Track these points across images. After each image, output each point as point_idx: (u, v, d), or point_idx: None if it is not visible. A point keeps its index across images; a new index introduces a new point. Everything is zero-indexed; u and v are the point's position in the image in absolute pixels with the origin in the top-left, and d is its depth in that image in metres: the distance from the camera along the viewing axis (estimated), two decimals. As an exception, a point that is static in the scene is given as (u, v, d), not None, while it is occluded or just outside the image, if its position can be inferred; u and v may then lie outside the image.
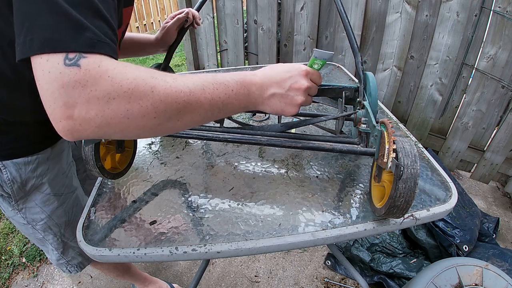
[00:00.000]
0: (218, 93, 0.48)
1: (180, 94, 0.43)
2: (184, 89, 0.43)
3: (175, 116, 0.44)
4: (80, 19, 0.38)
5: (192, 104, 0.44)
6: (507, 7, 1.50)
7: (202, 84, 0.46)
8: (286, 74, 0.55)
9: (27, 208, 0.81)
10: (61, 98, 0.37)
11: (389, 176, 0.58)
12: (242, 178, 0.77)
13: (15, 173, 0.73)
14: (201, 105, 0.46)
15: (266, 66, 0.58)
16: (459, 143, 1.91)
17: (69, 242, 0.93)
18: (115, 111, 0.39)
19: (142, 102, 0.40)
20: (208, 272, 1.53)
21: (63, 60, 0.37)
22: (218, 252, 0.59)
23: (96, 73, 0.37)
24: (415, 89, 1.91)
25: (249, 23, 2.19)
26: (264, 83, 0.54)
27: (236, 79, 0.51)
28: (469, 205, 1.52)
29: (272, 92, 0.54)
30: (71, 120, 0.38)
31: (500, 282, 0.90)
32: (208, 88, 0.46)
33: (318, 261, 1.57)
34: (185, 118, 0.45)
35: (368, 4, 1.79)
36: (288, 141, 0.67)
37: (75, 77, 0.37)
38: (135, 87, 0.39)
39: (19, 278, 1.57)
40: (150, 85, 0.40)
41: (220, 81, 0.48)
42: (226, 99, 0.49)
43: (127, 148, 0.79)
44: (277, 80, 0.55)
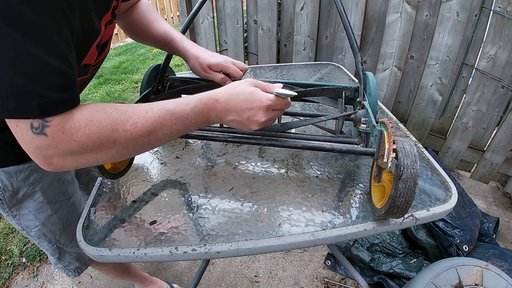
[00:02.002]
0: (177, 127, 0.53)
1: (140, 139, 0.49)
2: (143, 133, 0.49)
3: (138, 151, 0.53)
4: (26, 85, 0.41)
5: (151, 141, 0.51)
6: (507, 7, 1.50)
7: (160, 123, 0.51)
8: (246, 105, 0.56)
9: (20, 215, 0.80)
10: (39, 154, 0.45)
11: (389, 176, 0.58)
12: (242, 178, 0.77)
13: (6, 181, 0.72)
14: (160, 139, 0.52)
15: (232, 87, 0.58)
16: (459, 143, 1.91)
17: (65, 248, 0.92)
18: (86, 160, 0.47)
19: (107, 151, 0.48)
20: (208, 272, 1.53)
21: (29, 128, 0.42)
22: (218, 252, 0.59)
23: (62, 138, 0.44)
24: (415, 89, 1.91)
25: (249, 23, 2.19)
26: (223, 109, 0.56)
27: (196, 110, 0.54)
28: (469, 205, 1.52)
29: (230, 119, 0.58)
30: (51, 165, 0.46)
31: (500, 282, 0.90)
32: (166, 125, 0.51)
33: (318, 261, 1.57)
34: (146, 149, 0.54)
35: (368, 4, 1.79)
36: (288, 141, 0.67)
37: (45, 143, 0.43)
38: (100, 144, 0.46)
39: (19, 278, 1.57)
40: (112, 140, 0.47)
41: (179, 115, 0.53)
42: (184, 129, 0.54)
43: (127, 148, 0.79)
44: (237, 109, 0.57)
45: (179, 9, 2.24)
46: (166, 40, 0.83)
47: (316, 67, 1.42)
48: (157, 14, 0.87)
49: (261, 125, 0.59)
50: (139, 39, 0.87)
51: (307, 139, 0.71)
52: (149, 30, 0.83)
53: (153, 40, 0.85)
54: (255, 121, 0.57)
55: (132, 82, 3.57)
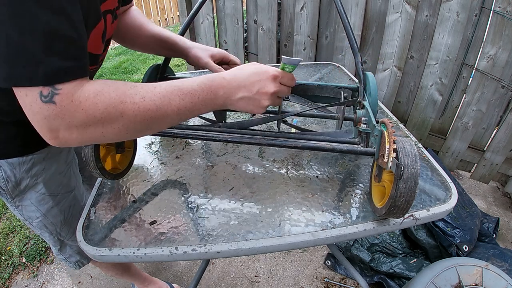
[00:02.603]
0: (185, 103, 0.51)
1: (148, 113, 0.48)
2: (151, 107, 0.48)
3: (145, 129, 0.51)
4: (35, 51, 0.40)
5: (159, 118, 0.50)
6: (507, 7, 1.50)
7: (168, 98, 0.50)
8: (254, 78, 0.56)
9: (23, 206, 0.81)
10: (45, 125, 0.44)
11: (389, 176, 0.58)
12: (242, 178, 0.77)
13: (9, 172, 0.74)
14: (167, 116, 0.51)
15: (237, 67, 0.59)
16: (459, 143, 1.91)
17: (66, 241, 0.94)
18: (92, 133, 0.47)
19: (114, 125, 0.47)
20: (208, 272, 1.53)
21: (39, 97, 0.42)
22: (218, 252, 0.59)
23: (70, 107, 0.44)
24: (415, 89, 1.91)
25: (249, 23, 2.19)
26: (232, 86, 0.56)
27: (203, 86, 0.53)
28: (469, 205, 1.52)
29: (240, 96, 0.56)
30: (57, 139, 0.46)
31: (500, 282, 0.90)
32: (174, 100, 0.50)
33: (318, 261, 1.57)
34: (154, 128, 0.52)
35: (368, 4, 1.79)
36: (288, 141, 0.67)
37: (54, 112, 0.43)
38: (107, 115, 0.46)
39: (19, 278, 1.57)
40: (120, 111, 0.46)
41: (186, 90, 0.52)
42: (193, 106, 0.53)
43: (127, 149, 0.79)
44: (246, 84, 0.56)
45: (179, 9, 2.24)
46: (161, 38, 0.83)
47: (316, 67, 1.42)
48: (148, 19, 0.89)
49: (272, 98, 0.57)
50: (130, 43, 0.88)
51: (307, 139, 0.71)
52: (142, 32, 0.84)
53: (145, 42, 0.85)
54: (264, 92, 0.56)
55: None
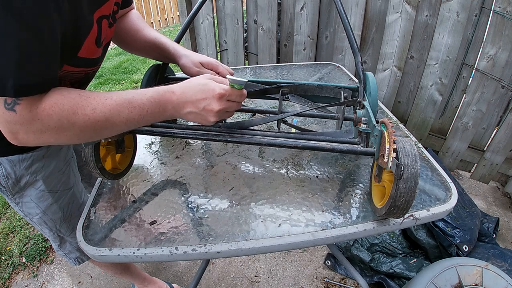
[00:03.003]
0: (133, 115, 0.56)
1: (97, 124, 0.53)
2: (101, 118, 0.53)
3: (94, 136, 0.56)
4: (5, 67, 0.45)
5: (108, 127, 0.55)
6: (507, 7, 1.50)
7: (118, 110, 0.54)
8: (201, 95, 0.59)
9: (23, 203, 0.83)
10: (7, 128, 0.50)
11: (389, 176, 0.58)
12: (242, 178, 0.77)
13: (10, 169, 0.75)
14: (116, 126, 0.56)
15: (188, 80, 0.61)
16: (459, 143, 1.91)
17: (66, 237, 0.95)
18: (47, 138, 0.52)
19: (66, 133, 0.52)
20: (208, 272, 1.53)
21: (3, 104, 0.47)
22: (218, 252, 0.59)
23: (28, 117, 0.49)
24: (415, 89, 1.91)
25: (249, 23, 2.19)
26: (180, 102, 0.59)
27: (152, 100, 0.57)
28: (469, 205, 1.52)
29: (188, 111, 0.60)
30: (16, 140, 0.52)
31: (500, 282, 0.90)
32: (123, 112, 0.55)
33: (318, 261, 1.57)
34: (103, 135, 0.57)
35: (368, 4, 1.79)
36: (288, 141, 0.67)
37: (14, 119, 0.49)
38: (60, 125, 0.51)
39: (19, 278, 1.57)
40: (72, 122, 0.51)
41: (135, 103, 0.56)
42: (141, 118, 0.57)
43: (127, 149, 0.79)
44: (192, 100, 0.59)
45: (179, 9, 2.24)
46: (156, 44, 0.84)
47: (316, 67, 1.42)
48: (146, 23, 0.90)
49: (217, 115, 0.60)
50: (127, 47, 0.88)
51: (307, 139, 0.71)
52: (139, 36, 0.85)
53: (142, 46, 0.86)
54: (210, 110, 0.59)
55: (132, 82, 3.57)
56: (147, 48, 0.86)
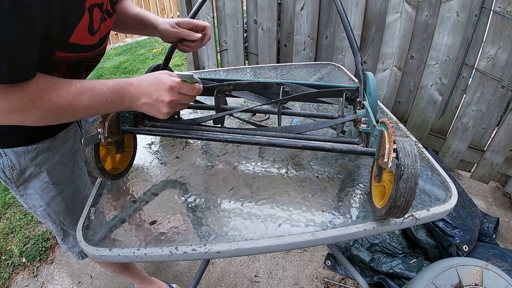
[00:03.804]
0: (94, 103, 0.59)
1: (60, 109, 0.57)
2: (64, 104, 0.57)
3: (59, 119, 0.59)
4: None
5: (70, 112, 0.58)
6: (507, 7, 1.50)
7: (80, 97, 0.58)
8: (153, 87, 0.63)
9: (27, 194, 0.84)
10: None
11: (389, 176, 0.58)
12: (242, 178, 0.77)
13: (15, 160, 0.77)
14: (78, 112, 0.59)
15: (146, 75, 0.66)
16: (459, 143, 1.91)
17: (69, 230, 0.97)
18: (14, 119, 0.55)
19: (32, 115, 0.56)
20: (208, 272, 1.53)
21: None
22: (218, 252, 0.59)
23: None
24: (415, 89, 1.91)
25: (249, 23, 2.19)
26: (136, 92, 0.63)
27: (112, 89, 0.61)
28: (469, 205, 1.52)
29: (143, 102, 0.63)
30: None
31: (500, 282, 0.90)
32: (84, 100, 0.58)
33: (318, 261, 1.57)
34: (65, 119, 0.60)
35: (368, 4, 1.79)
36: (288, 141, 0.67)
37: None
38: (27, 108, 0.54)
39: (19, 278, 1.57)
40: (37, 106, 0.55)
41: (97, 92, 0.59)
42: (101, 106, 0.60)
43: (127, 149, 0.79)
44: (147, 92, 0.63)
45: (179, 9, 2.24)
46: (140, 18, 0.89)
47: (316, 67, 1.42)
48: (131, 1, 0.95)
49: (169, 106, 0.63)
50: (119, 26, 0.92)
51: (307, 139, 0.71)
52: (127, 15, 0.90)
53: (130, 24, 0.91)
54: (161, 101, 0.62)
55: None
56: (134, 24, 0.90)
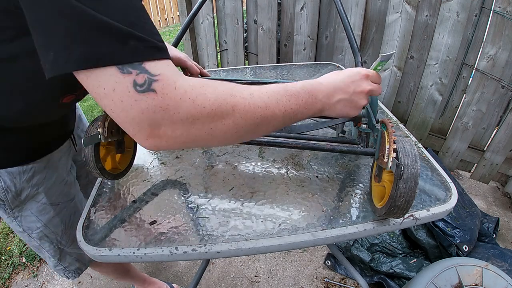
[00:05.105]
0: (290, 104, 0.49)
1: (257, 110, 0.44)
2: (260, 104, 0.45)
3: (253, 130, 0.46)
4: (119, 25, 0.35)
5: (268, 118, 0.46)
6: (507, 7, 1.50)
7: (276, 97, 0.47)
8: (349, 79, 0.58)
9: (22, 217, 0.78)
10: (144, 122, 0.37)
11: (389, 176, 0.58)
12: (242, 178, 0.77)
13: (9, 182, 0.71)
14: (275, 117, 0.47)
15: (328, 74, 0.60)
16: (459, 143, 1.91)
17: (66, 249, 0.91)
18: (199, 130, 0.40)
19: (224, 121, 0.41)
20: (208, 272, 1.53)
21: (132, 87, 0.35)
22: (218, 252, 0.59)
23: (175, 96, 0.37)
24: (415, 89, 1.91)
25: (249, 23, 2.19)
26: (329, 90, 0.56)
27: (305, 89, 0.53)
28: (469, 205, 1.52)
29: (338, 99, 0.57)
30: (158, 138, 0.39)
31: (500, 282, 0.90)
32: (281, 100, 0.48)
33: (318, 261, 1.57)
34: (261, 130, 0.47)
35: (368, 4, 1.79)
36: (288, 141, 0.67)
37: (154, 102, 0.36)
38: (218, 108, 0.40)
39: (19, 278, 1.57)
40: (231, 104, 0.41)
41: (291, 92, 0.50)
42: (297, 109, 0.51)
43: (127, 149, 0.79)
44: (342, 87, 0.57)
45: (179, 9, 2.24)
46: None
47: (316, 67, 1.42)
48: None
49: (367, 97, 0.59)
50: None
51: (307, 139, 0.71)
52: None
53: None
54: (360, 92, 0.58)
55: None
56: None
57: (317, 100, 0.54)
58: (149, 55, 0.37)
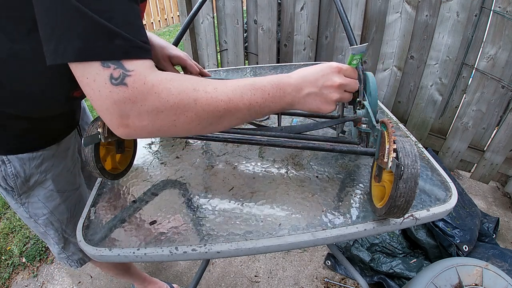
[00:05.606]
0: (256, 98, 0.51)
1: (220, 103, 0.47)
2: (223, 98, 0.48)
3: (216, 122, 0.49)
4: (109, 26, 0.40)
5: (231, 110, 0.49)
6: (507, 7, 1.50)
7: (240, 91, 0.50)
8: (319, 73, 0.57)
9: (29, 203, 0.81)
10: (115, 112, 0.42)
11: (389, 176, 0.58)
12: (242, 178, 0.77)
13: (19, 168, 0.74)
14: (239, 110, 0.50)
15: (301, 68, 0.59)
16: (459, 143, 1.91)
17: (70, 238, 0.95)
18: (164, 121, 0.44)
19: (187, 113, 0.45)
20: (208, 272, 1.53)
21: (108, 80, 0.40)
22: (218, 252, 0.59)
23: (143, 90, 0.42)
24: (415, 89, 1.91)
25: (249, 23, 2.19)
26: (298, 83, 0.56)
27: (273, 83, 0.54)
28: (469, 205, 1.52)
29: (307, 92, 0.56)
30: (127, 128, 0.44)
31: (500, 282, 0.90)
32: (246, 94, 0.50)
33: (318, 261, 1.57)
34: (225, 122, 0.50)
35: (368, 4, 1.79)
36: (288, 141, 0.67)
37: (125, 95, 0.41)
38: (180, 101, 0.44)
39: (19, 278, 1.57)
40: (193, 98, 0.45)
41: (257, 86, 0.52)
42: (263, 102, 0.52)
43: (127, 149, 0.79)
44: (311, 80, 0.56)
45: (179, 9, 2.24)
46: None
47: (316, 67, 1.41)
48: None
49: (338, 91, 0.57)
50: None
51: (307, 139, 0.71)
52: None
53: None
54: (329, 86, 0.57)
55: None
56: None
57: (286, 93, 0.55)
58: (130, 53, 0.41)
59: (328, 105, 0.58)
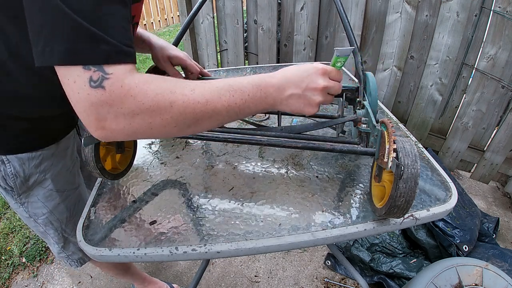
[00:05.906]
0: (234, 99, 0.50)
1: (197, 105, 0.46)
2: (201, 100, 0.47)
3: (193, 124, 0.48)
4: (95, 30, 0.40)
5: (209, 112, 0.48)
6: (507, 7, 1.50)
7: (218, 92, 0.49)
8: (303, 74, 0.55)
9: (29, 203, 0.82)
10: (92, 114, 0.42)
11: (389, 176, 0.58)
12: (242, 178, 0.77)
13: (19, 167, 0.74)
14: (218, 112, 0.49)
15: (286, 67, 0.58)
16: (459, 143, 1.91)
17: (70, 238, 0.95)
18: (140, 124, 0.44)
19: (162, 116, 0.45)
20: (208, 272, 1.53)
21: (88, 82, 0.41)
22: (218, 252, 0.59)
23: (120, 92, 0.42)
24: (415, 89, 1.91)
25: (249, 23, 2.19)
26: (281, 84, 0.55)
27: (253, 83, 0.53)
28: (469, 205, 1.52)
29: (289, 93, 0.55)
30: (103, 130, 0.44)
31: (500, 282, 0.90)
32: (224, 95, 0.49)
33: (318, 261, 1.57)
34: (203, 124, 0.49)
35: (368, 4, 1.79)
36: (288, 141, 0.67)
37: (102, 97, 0.41)
38: (156, 104, 0.44)
39: (19, 278, 1.57)
40: (169, 101, 0.44)
41: (236, 87, 0.51)
42: (243, 103, 0.51)
43: (127, 149, 0.79)
44: (294, 81, 0.55)
45: (179, 9, 2.24)
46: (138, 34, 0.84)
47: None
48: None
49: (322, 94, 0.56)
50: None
51: (307, 139, 0.71)
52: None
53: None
54: (313, 88, 0.55)
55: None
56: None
57: (267, 94, 0.54)
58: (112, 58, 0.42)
59: (311, 108, 0.57)
